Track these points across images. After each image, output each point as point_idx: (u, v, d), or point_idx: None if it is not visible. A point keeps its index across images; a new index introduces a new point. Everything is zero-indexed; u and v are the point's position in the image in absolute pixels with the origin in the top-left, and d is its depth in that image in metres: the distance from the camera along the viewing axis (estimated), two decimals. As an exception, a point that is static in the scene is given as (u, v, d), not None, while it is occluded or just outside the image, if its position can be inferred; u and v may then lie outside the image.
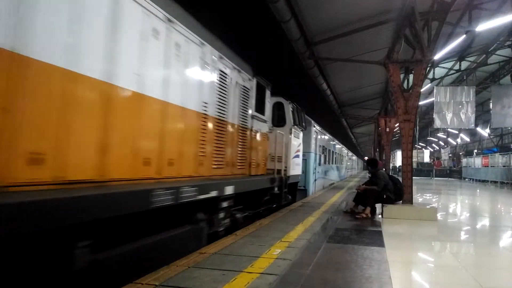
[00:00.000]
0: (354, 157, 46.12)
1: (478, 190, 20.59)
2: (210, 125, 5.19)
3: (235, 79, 6.12)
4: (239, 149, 6.31)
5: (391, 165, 23.91)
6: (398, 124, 12.02)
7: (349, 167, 36.52)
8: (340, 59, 12.28)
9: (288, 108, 9.02)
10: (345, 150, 30.69)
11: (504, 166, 25.95)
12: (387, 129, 19.46)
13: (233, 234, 5.39)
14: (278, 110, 8.87)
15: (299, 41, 10.12)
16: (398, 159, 42.39)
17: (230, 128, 5.91)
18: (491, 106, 22.76)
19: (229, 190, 5.35)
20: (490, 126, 31.90)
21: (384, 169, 11.67)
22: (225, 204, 5.36)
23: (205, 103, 5.01)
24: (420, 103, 19.57)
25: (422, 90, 9.27)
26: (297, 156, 10.25)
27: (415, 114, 8.64)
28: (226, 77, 5.73)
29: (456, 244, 6.09)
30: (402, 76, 10.73)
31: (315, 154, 14.54)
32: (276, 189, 7.90)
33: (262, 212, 7.51)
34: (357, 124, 30.98)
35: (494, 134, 42.69)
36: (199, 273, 3.48)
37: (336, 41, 11.22)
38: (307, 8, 9.25)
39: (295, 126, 9.49)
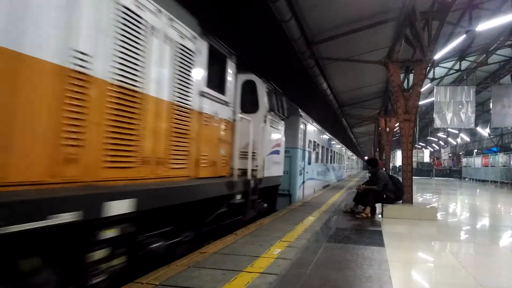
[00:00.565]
0: (354, 157, 46.02)
1: (478, 190, 20.59)
2: (96, 94, 3.00)
3: (163, 31, 3.94)
4: (175, 139, 4.19)
5: (391, 164, 23.88)
6: (398, 123, 12.01)
7: (348, 166, 34.98)
8: (340, 58, 12.27)
9: (262, 89, 6.92)
10: (343, 148, 28.40)
11: (504, 166, 25.96)
12: (387, 129, 19.47)
13: (233, 233, 5.39)
14: (248, 91, 6.73)
15: (299, 40, 10.12)
16: (398, 158, 42.43)
17: (151, 105, 3.72)
18: (491, 106, 22.74)
19: (118, 207, 3.08)
20: (490, 126, 31.90)
21: (384, 169, 11.68)
22: (110, 234, 3.06)
23: (82, 53, 2.84)
24: (420, 102, 19.63)
25: (422, 89, 9.28)
26: (276, 152, 8.08)
27: (415, 113, 8.65)
28: (139, 22, 3.53)
29: (456, 244, 6.10)
30: (402, 75, 10.73)
31: (303, 150, 12.11)
32: (238, 197, 5.82)
33: (217, 229, 5.49)
34: (357, 123, 30.98)
35: (494, 134, 42.71)
36: (199, 272, 3.48)
37: (337, 40, 11.22)
38: (308, 8, 9.25)
39: (272, 113, 7.33)
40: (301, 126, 11.73)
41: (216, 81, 5.35)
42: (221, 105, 5.50)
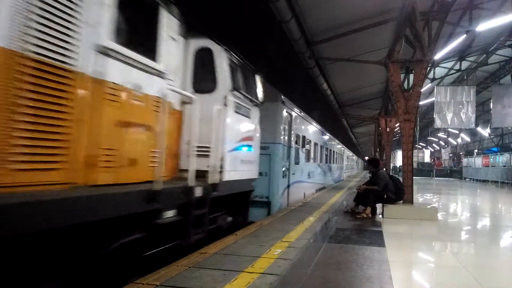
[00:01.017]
0: (354, 157, 45.93)
1: (478, 190, 20.58)
2: None
3: None
4: (28, 118, 2.51)
5: (391, 165, 23.85)
6: (398, 124, 12.03)
7: (348, 167, 33.46)
8: (340, 59, 12.29)
9: (223, 60, 5.05)
10: (341, 147, 26.18)
11: (504, 166, 25.97)
12: (388, 129, 19.46)
13: (234, 234, 5.39)
14: (203, 63, 4.98)
15: (300, 41, 10.13)
16: (398, 159, 42.43)
17: None
18: (491, 106, 22.79)
19: None
20: (490, 126, 31.93)
21: (384, 169, 11.67)
22: None
23: None
24: (421, 103, 19.62)
25: (422, 90, 9.28)
26: (247, 147, 6.11)
27: (415, 114, 8.65)
28: None
29: (457, 244, 6.09)
30: (402, 76, 10.74)
31: (289, 147, 9.96)
32: (170, 213, 3.90)
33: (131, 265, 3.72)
34: (357, 124, 31.00)
35: (495, 134, 42.70)
36: (199, 273, 3.48)
37: (337, 41, 11.24)
38: (308, 8, 9.26)
39: (238, 94, 5.39)
40: (285, 116, 9.51)
41: (137, 37, 3.64)
42: (149, 75, 3.73)
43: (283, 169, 9.48)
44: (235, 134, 5.49)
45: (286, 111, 9.69)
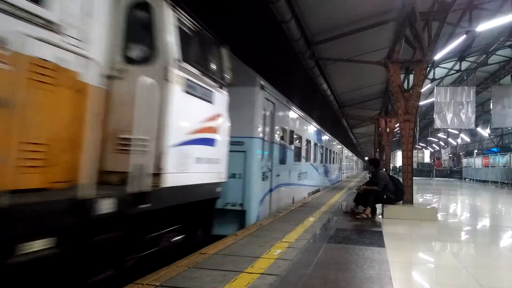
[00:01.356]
0: (354, 157, 45.88)
1: (478, 191, 20.59)
2: None
3: None
4: None
5: (391, 165, 23.84)
6: (398, 124, 12.02)
7: (347, 167, 31.97)
8: (340, 59, 12.29)
9: (165, 19, 3.68)
10: (339, 146, 24.45)
11: (504, 166, 25.98)
12: (388, 129, 19.47)
13: (234, 234, 5.39)
14: (138, 23, 3.71)
15: (300, 41, 10.13)
16: (398, 159, 42.46)
17: None
18: (491, 106, 22.77)
19: None
20: (490, 126, 31.93)
21: (384, 169, 11.66)
22: None
23: None
24: (421, 103, 19.60)
25: (422, 90, 9.28)
26: (207, 141, 4.54)
27: (415, 114, 8.66)
28: None
29: (457, 244, 6.09)
30: (402, 76, 10.74)
31: (271, 142, 8.26)
32: (37, 245, 2.30)
33: None
34: (357, 124, 31.01)
35: (495, 134, 42.72)
36: (199, 273, 3.48)
37: (337, 41, 11.24)
38: (308, 8, 9.27)
39: (188, 68, 3.94)
40: (264, 104, 7.71)
41: None
42: (26, 24, 2.51)
43: (263, 169, 7.79)
44: (185, 122, 4.02)
45: (267, 99, 7.85)
